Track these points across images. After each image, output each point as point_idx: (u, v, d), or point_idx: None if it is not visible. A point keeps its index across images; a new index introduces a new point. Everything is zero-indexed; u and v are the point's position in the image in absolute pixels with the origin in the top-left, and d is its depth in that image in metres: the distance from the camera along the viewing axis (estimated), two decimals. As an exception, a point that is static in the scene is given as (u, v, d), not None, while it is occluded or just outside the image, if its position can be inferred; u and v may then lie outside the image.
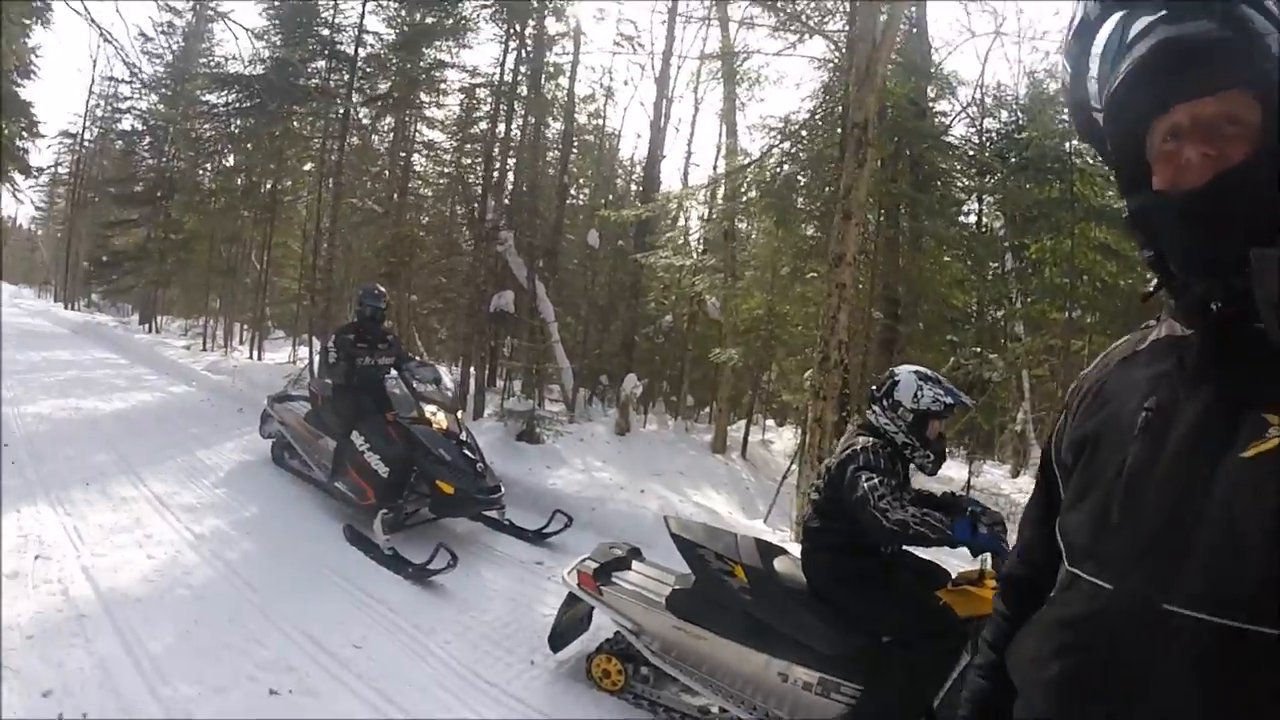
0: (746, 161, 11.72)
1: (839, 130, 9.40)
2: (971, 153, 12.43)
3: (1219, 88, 0.92)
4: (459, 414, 6.77)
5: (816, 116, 11.26)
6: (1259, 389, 0.88)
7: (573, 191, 13.49)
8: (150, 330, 23.32)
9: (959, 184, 12.84)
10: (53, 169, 38.55)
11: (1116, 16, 1.02)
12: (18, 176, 21.65)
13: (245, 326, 19.63)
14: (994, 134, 12.81)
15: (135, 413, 9.94)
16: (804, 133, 11.16)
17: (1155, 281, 1.03)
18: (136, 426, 8.93)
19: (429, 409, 6.22)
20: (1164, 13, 0.97)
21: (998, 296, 12.29)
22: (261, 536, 5.66)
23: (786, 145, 11.07)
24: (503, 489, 6.16)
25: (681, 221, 15.49)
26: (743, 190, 11.44)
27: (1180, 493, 0.90)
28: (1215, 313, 0.94)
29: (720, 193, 12.59)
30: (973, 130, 12.80)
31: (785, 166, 10.92)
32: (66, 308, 33.26)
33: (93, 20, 8.28)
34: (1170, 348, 1.01)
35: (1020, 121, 12.40)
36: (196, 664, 3.70)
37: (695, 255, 12.75)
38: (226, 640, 3.98)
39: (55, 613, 4.05)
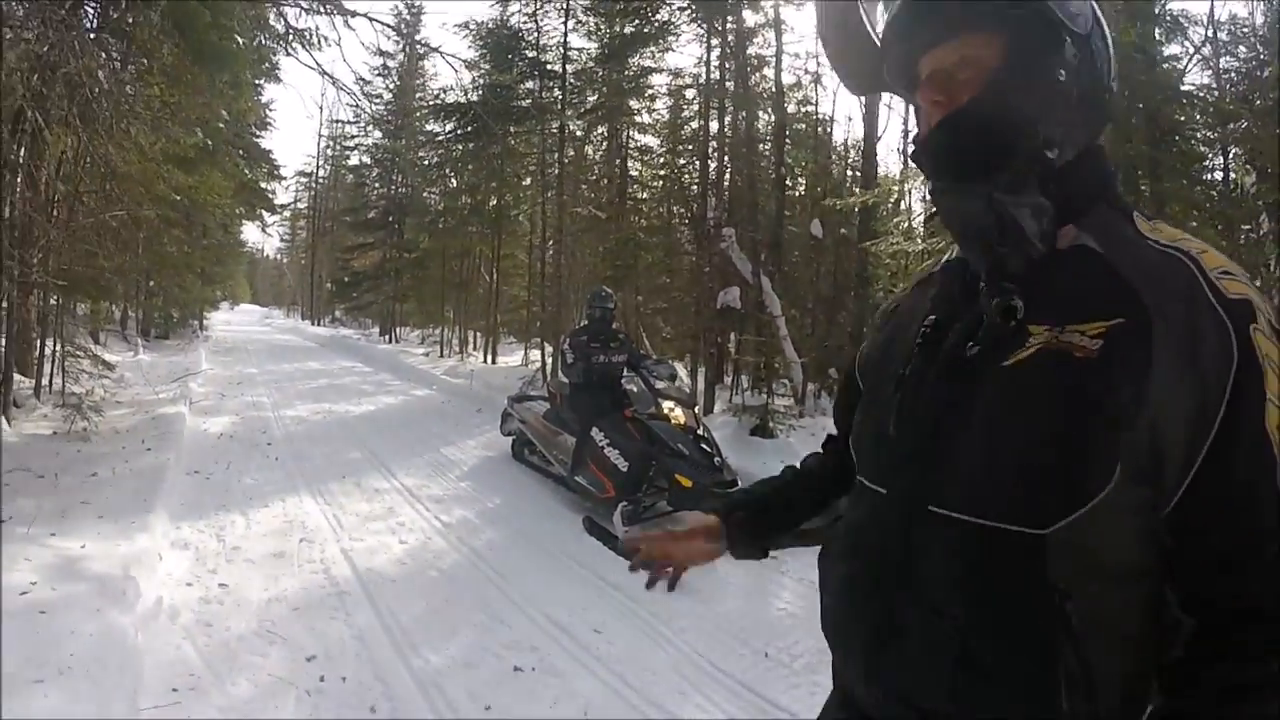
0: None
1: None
2: (1210, 99, 10.77)
3: (958, 31, 0.93)
4: (696, 409, 6.69)
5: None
6: (1026, 304, 0.89)
7: (789, 182, 13.07)
8: (390, 340, 25.33)
9: (1199, 136, 11.14)
10: (293, 205, 42.51)
11: None
12: (265, 214, 24.43)
13: (478, 333, 20.66)
14: (1233, 74, 11.02)
15: (382, 414, 10.67)
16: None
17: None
18: (384, 426, 9.56)
19: (667, 405, 6.23)
20: None
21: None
22: (505, 526, 5.81)
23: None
24: (739, 482, 5.96)
25: (904, 204, 14.65)
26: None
27: (946, 402, 0.93)
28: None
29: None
30: (1208, 73, 11.13)
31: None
32: (312, 324, 36.95)
33: (324, 71, 8.89)
34: (956, 268, 1.02)
35: (1261, 55, 10.63)
36: (446, 640, 3.80)
37: (921, 239, 11.95)
38: (473, 619, 4.07)
39: (318, 589, 4.33)
